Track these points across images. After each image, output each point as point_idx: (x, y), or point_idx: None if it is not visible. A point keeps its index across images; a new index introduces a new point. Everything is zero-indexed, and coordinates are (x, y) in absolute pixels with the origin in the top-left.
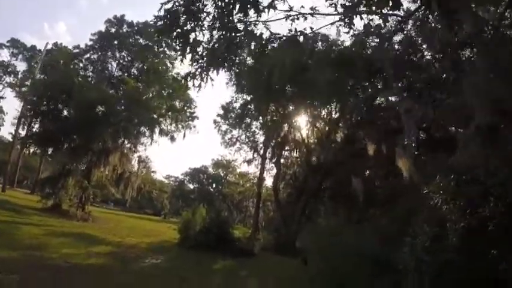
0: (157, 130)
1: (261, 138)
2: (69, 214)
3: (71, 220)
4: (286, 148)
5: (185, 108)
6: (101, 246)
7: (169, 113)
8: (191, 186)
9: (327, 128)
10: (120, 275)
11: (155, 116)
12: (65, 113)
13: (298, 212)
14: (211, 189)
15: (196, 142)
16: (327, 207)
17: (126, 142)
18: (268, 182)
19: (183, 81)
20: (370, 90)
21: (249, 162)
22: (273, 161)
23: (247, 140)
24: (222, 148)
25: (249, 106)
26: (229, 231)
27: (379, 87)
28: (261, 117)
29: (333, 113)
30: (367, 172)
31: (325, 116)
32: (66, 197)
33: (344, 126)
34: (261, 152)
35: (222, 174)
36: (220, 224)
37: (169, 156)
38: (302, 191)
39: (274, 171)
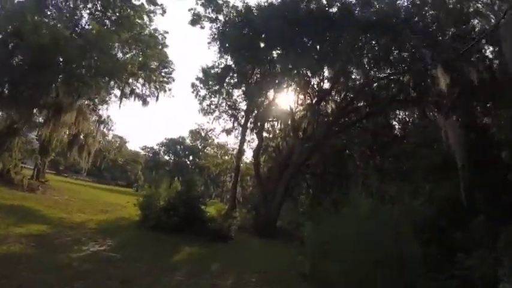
0: (128, 90)
1: (242, 106)
2: (14, 182)
3: (16, 190)
4: (270, 118)
5: (160, 68)
6: (32, 225)
7: (142, 73)
8: (167, 158)
9: (316, 99)
10: (25, 275)
11: (126, 74)
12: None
13: (280, 189)
14: (188, 162)
15: (174, 112)
16: (315, 184)
17: (84, 98)
18: (249, 154)
19: None
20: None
21: (229, 132)
22: (255, 131)
23: (227, 108)
24: (200, 116)
25: (232, 74)
26: (201, 209)
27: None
28: (244, 84)
29: (325, 81)
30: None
31: (315, 84)
32: (11, 161)
33: (338, 95)
34: (242, 121)
35: (199, 146)
36: (190, 200)
37: (147, 126)
38: (286, 165)
39: (256, 142)
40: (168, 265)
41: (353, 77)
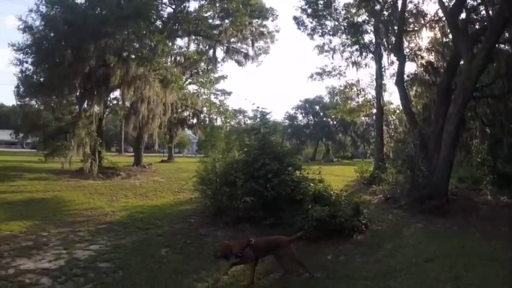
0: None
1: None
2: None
3: (80, 178)
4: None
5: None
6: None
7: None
8: (306, 121)
9: None
10: None
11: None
12: None
13: (449, 128)
14: (330, 121)
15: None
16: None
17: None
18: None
19: None
20: None
21: (358, 64)
22: (390, 48)
23: (346, 32)
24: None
25: None
26: (291, 178)
27: None
28: None
29: None
30: None
31: None
32: (67, 151)
33: None
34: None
35: (340, 102)
36: (259, 166)
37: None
38: (449, 89)
39: (395, 67)
40: None
41: None
